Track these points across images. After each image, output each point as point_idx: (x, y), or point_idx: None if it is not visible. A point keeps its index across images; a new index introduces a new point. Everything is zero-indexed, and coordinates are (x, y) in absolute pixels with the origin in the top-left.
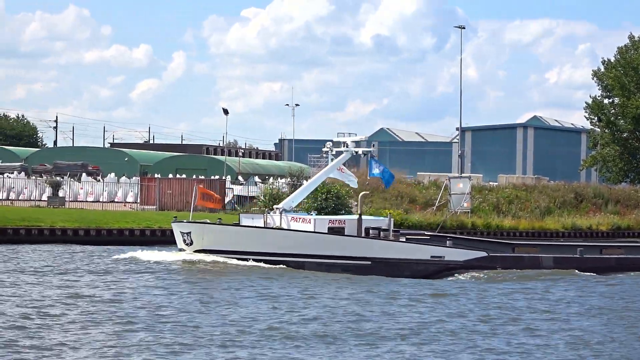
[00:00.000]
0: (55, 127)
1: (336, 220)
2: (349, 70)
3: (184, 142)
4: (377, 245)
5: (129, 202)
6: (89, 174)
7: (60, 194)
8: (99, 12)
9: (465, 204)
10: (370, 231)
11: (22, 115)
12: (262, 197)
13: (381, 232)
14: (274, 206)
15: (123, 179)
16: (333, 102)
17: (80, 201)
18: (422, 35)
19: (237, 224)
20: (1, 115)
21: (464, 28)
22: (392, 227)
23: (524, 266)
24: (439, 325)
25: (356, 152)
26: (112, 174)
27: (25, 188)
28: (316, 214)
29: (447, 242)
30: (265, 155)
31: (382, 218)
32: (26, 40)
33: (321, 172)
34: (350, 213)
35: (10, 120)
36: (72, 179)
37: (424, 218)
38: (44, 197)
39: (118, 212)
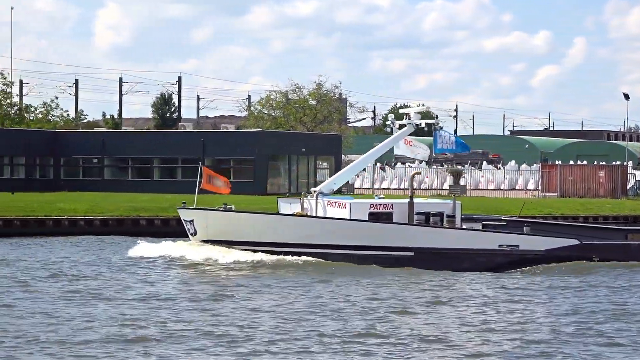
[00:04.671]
0: (456, 116)
1: (380, 205)
2: None
3: (584, 128)
4: (422, 233)
5: (530, 190)
6: (489, 162)
7: (462, 182)
8: (499, 0)
9: None
10: (416, 217)
11: (423, 105)
12: None
13: (431, 218)
14: (312, 189)
15: (523, 166)
16: None
17: (481, 189)
18: None
19: (249, 211)
20: (402, 105)
21: None
22: (450, 212)
23: (633, 257)
24: None
25: (417, 125)
26: (513, 162)
27: (427, 177)
28: (378, 197)
29: (525, 227)
30: None
31: (447, 201)
32: (427, 30)
33: (373, 149)
34: None
35: None
36: (472, 168)
37: None
38: (445, 186)
39: (519, 200)
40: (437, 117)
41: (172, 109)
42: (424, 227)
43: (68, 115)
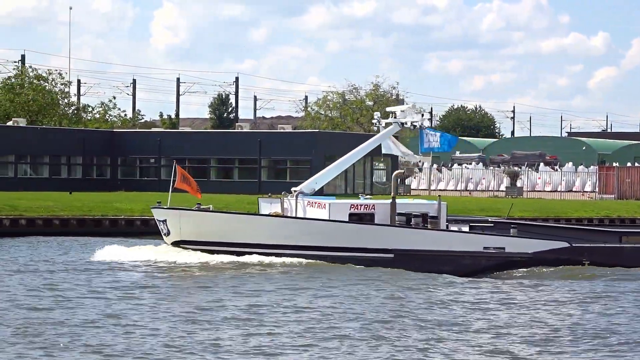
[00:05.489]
0: (513, 117)
1: (361, 205)
2: None
3: None
4: (402, 234)
5: (587, 192)
6: (546, 163)
7: (518, 184)
8: (557, 1)
9: None
10: (397, 218)
11: (480, 106)
12: None
13: (412, 219)
14: (292, 188)
15: (581, 168)
16: None
17: (538, 191)
18: None
19: (224, 211)
20: (459, 106)
21: None
22: (434, 213)
23: (626, 261)
24: None
25: (403, 124)
26: (570, 164)
27: (483, 178)
28: (365, 197)
29: (511, 229)
30: None
31: (431, 202)
32: (484, 31)
33: (358, 148)
34: None
35: (468, 112)
36: (529, 169)
37: None
38: (502, 188)
39: (576, 202)
40: (422, 115)
41: (229, 110)
42: (404, 229)
43: (125, 115)
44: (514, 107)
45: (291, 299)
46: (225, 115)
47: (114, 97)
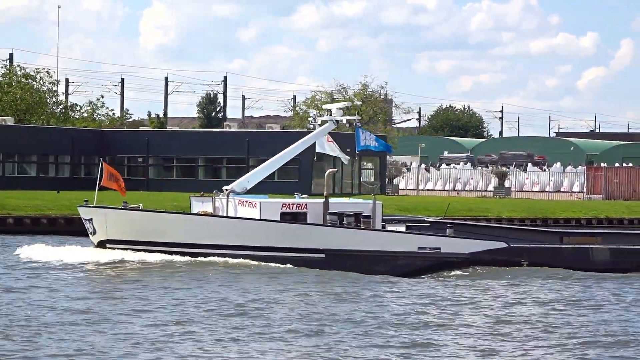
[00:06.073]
0: (501, 118)
1: (293, 204)
2: None
3: (630, 131)
4: (334, 234)
5: (575, 192)
6: (534, 163)
7: (506, 184)
8: (546, 1)
9: None
10: (329, 217)
11: (468, 106)
12: None
13: (344, 218)
14: (223, 187)
15: (569, 168)
16: None
17: (526, 191)
18: None
19: (152, 210)
20: (448, 106)
21: None
22: (368, 213)
23: (566, 262)
24: None
25: (338, 121)
26: (558, 164)
27: (471, 179)
28: (300, 197)
29: (448, 229)
30: None
31: (366, 201)
32: (473, 32)
33: (292, 146)
34: None
35: (456, 112)
36: (517, 169)
37: None
38: (490, 188)
39: (564, 202)
40: (358, 112)
41: (218, 109)
42: (336, 228)
43: (113, 114)
44: (502, 107)
45: (217, 300)
46: (213, 114)
47: (102, 96)
